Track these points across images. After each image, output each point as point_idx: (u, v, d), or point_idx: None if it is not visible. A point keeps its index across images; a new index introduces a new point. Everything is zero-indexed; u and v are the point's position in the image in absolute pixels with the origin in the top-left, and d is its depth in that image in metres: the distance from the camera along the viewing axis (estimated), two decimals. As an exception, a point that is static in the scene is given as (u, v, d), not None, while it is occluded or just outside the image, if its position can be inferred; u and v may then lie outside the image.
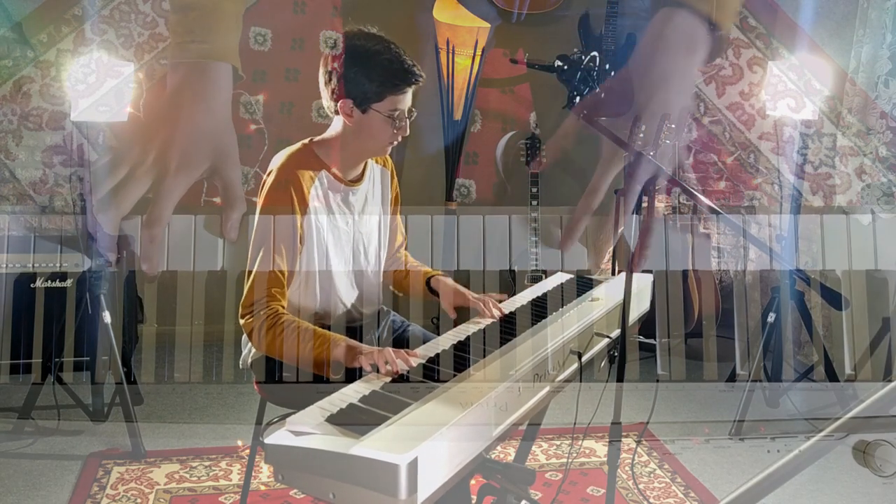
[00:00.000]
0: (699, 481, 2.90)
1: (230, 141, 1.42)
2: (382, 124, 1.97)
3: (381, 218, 2.17)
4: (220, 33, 1.46)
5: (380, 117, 1.96)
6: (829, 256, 3.82)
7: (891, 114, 3.73)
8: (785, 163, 4.03)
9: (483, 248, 4.16)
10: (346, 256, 2.07)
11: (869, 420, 1.23)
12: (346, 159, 2.06)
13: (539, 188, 4.10)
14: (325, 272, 2.03)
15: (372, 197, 2.15)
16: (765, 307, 3.48)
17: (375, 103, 1.95)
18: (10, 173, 3.88)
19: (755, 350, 3.48)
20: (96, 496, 2.68)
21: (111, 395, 3.21)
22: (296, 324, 1.84)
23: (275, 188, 1.96)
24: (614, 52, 4.22)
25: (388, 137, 2.01)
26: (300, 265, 1.98)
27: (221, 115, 1.41)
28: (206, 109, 1.39)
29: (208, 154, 1.38)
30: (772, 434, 3.29)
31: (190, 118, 1.36)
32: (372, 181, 2.16)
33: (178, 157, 1.36)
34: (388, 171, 2.23)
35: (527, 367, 1.65)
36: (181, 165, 1.36)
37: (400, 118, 1.98)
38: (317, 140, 2.07)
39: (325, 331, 1.84)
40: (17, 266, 3.48)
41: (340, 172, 2.05)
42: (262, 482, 2.81)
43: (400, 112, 1.97)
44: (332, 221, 2.03)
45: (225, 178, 1.42)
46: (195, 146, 1.36)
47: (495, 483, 1.63)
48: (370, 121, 1.97)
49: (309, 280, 2.02)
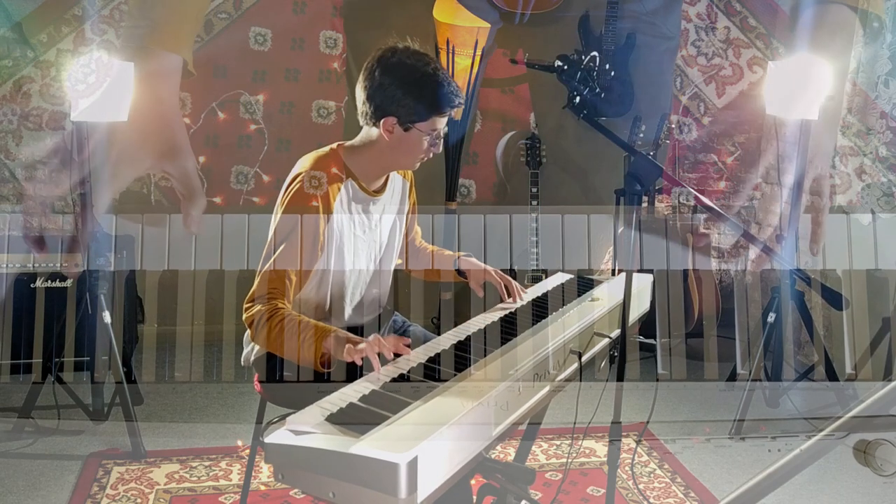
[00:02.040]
0: (699, 481, 2.90)
1: (179, 131, 1.39)
2: (419, 142, 1.98)
3: (396, 223, 2.18)
4: (174, 24, 1.44)
5: (420, 136, 1.97)
6: (829, 256, 3.82)
7: (891, 114, 3.73)
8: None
9: (483, 248, 4.16)
10: (360, 264, 2.08)
11: (869, 420, 1.23)
12: (373, 170, 2.06)
13: (539, 188, 4.10)
14: (338, 277, 2.03)
15: (391, 207, 2.17)
16: (765, 307, 3.48)
17: (419, 123, 1.95)
18: (10, 173, 3.88)
19: (755, 350, 3.48)
20: (96, 496, 2.68)
21: (111, 394, 3.21)
22: (292, 317, 1.84)
23: (301, 190, 1.96)
24: (614, 52, 4.23)
25: (422, 154, 2.02)
26: (316, 268, 1.99)
27: (168, 104, 1.39)
28: (151, 96, 1.36)
29: (156, 146, 1.36)
30: (772, 434, 3.29)
31: (138, 110, 1.33)
32: (392, 192, 2.17)
33: (120, 148, 1.33)
34: (407, 182, 2.25)
35: (527, 367, 1.65)
36: (121, 157, 1.34)
37: (437, 137, 2.00)
38: (346, 146, 2.06)
39: (319, 323, 1.84)
40: (17, 266, 3.48)
41: (365, 182, 2.05)
42: (262, 482, 2.81)
43: (437, 132, 2.00)
44: (350, 229, 2.03)
45: (178, 170, 1.41)
46: (144, 139, 1.33)
47: (495, 483, 1.63)
48: (409, 138, 1.97)
49: (321, 284, 2.02)
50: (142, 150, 1.22)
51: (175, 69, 1.26)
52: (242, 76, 4.15)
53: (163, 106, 1.25)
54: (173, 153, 1.27)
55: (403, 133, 1.97)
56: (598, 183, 4.50)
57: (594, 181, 4.53)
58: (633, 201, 1.91)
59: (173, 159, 1.26)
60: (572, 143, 4.54)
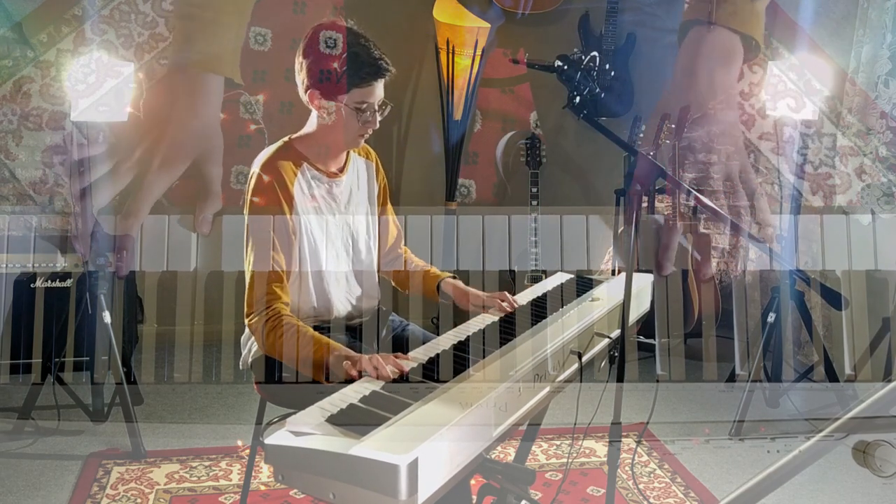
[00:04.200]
0: (699, 481, 2.90)
1: (217, 144, 1.42)
2: (350, 117, 1.98)
3: (368, 209, 2.17)
4: (217, 45, 1.47)
5: (347, 110, 1.96)
6: (829, 256, 3.82)
7: (891, 114, 3.73)
8: (785, 163, 4.03)
9: (483, 248, 4.16)
10: (336, 251, 2.08)
11: (869, 420, 1.23)
12: (323, 152, 2.07)
13: (539, 188, 4.10)
14: (316, 263, 2.03)
15: (357, 189, 2.16)
16: (765, 307, 3.48)
17: (340, 95, 1.95)
18: (10, 173, 3.88)
19: (755, 350, 3.48)
20: (96, 496, 2.68)
21: (111, 395, 3.21)
22: (296, 327, 1.84)
23: (259, 186, 1.97)
24: (614, 52, 4.23)
25: (357, 130, 2.01)
26: (294, 263, 1.99)
27: (209, 122, 1.41)
28: (195, 117, 1.39)
29: (191, 155, 1.39)
30: (772, 434, 3.29)
31: (179, 125, 1.37)
32: (356, 173, 2.17)
33: (162, 157, 1.36)
34: (372, 163, 2.24)
35: (527, 368, 1.65)
36: (164, 164, 1.37)
37: (367, 111, 1.98)
38: (295, 137, 2.09)
39: (323, 337, 1.83)
40: (17, 266, 3.48)
41: (321, 164, 2.06)
42: (262, 482, 2.81)
43: (368, 105, 1.97)
44: (319, 215, 2.03)
45: (206, 175, 1.43)
46: (180, 149, 1.37)
47: (495, 483, 1.63)
48: (339, 113, 1.98)
49: (302, 277, 2.02)
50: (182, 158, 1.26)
51: (218, 86, 1.30)
52: (242, 76, 4.15)
53: (205, 119, 1.28)
54: (206, 159, 1.30)
55: (332, 107, 1.97)
56: (598, 183, 4.50)
57: (594, 181, 4.53)
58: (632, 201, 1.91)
59: (204, 165, 1.29)
60: (572, 143, 4.54)
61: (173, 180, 1.26)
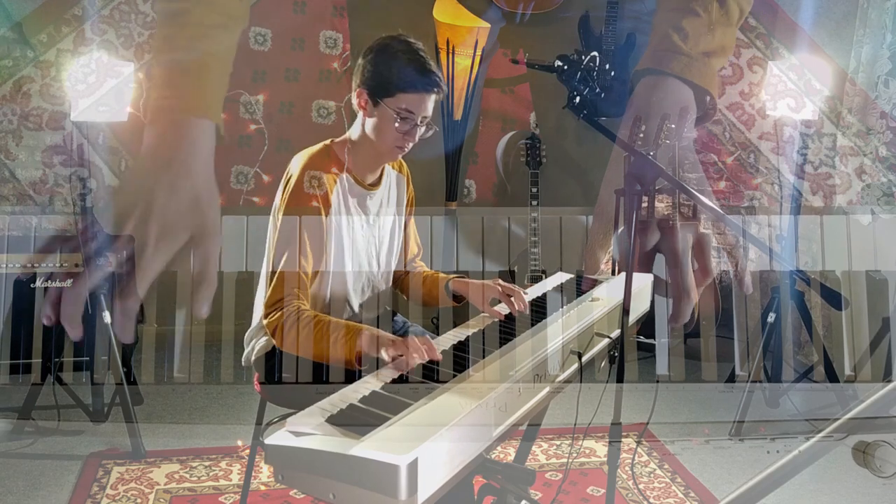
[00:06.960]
0: (699, 481, 2.90)
1: (213, 205, 1.30)
2: (388, 122, 1.96)
3: (395, 221, 2.18)
4: (203, 90, 1.39)
5: (389, 114, 1.95)
6: (828, 256, 3.82)
7: (891, 114, 3.73)
8: (785, 163, 4.03)
9: (483, 248, 4.16)
10: (359, 259, 2.08)
11: (869, 420, 1.23)
12: (362, 162, 2.06)
13: (539, 188, 4.10)
14: (338, 273, 2.03)
15: (387, 201, 2.16)
16: (765, 307, 3.48)
17: (386, 98, 1.95)
18: (10, 173, 3.88)
19: (755, 350, 3.48)
20: (96, 496, 2.68)
21: (111, 395, 3.21)
22: (318, 318, 1.84)
23: (298, 189, 1.96)
24: (614, 53, 4.23)
25: (394, 139, 1.98)
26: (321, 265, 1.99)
27: (202, 176, 1.31)
28: (185, 170, 1.29)
29: (188, 221, 1.28)
30: (772, 434, 3.29)
31: (168, 181, 1.27)
32: (388, 186, 2.17)
33: (158, 225, 1.26)
34: (403, 176, 2.25)
35: (527, 368, 1.65)
36: (161, 235, 1.27)
37: (408, 121, 1.97)
38: (337, 141, 2.07)
39: (350, 322, 1.84)
40: (17, 266, 3.48)
41: (360, 175, 2.06)
42: (262, 482, 2.81)
43: (410, 114, 1.95)
44: (349, 223, 2.03)
45: (203, 253, 1.33)
46: (175, 212, 1.26)
47: (495, 483, 1.63)
48: (381, 116, 1.97)
49: (322, 280, 2.02)
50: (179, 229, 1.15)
51: (208, 136, 1.20)
52: (242, 76, 4.15)
53: (197, 178, 1.17)
54: (204, 235, 1.18)
55: (374, 109, 1.97)
56: (598, 183, 4.50)
57: (594, 181, 4.53)
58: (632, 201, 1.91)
59: (203, 242, 1.18)
60: (572, 143, 4.55)
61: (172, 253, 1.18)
